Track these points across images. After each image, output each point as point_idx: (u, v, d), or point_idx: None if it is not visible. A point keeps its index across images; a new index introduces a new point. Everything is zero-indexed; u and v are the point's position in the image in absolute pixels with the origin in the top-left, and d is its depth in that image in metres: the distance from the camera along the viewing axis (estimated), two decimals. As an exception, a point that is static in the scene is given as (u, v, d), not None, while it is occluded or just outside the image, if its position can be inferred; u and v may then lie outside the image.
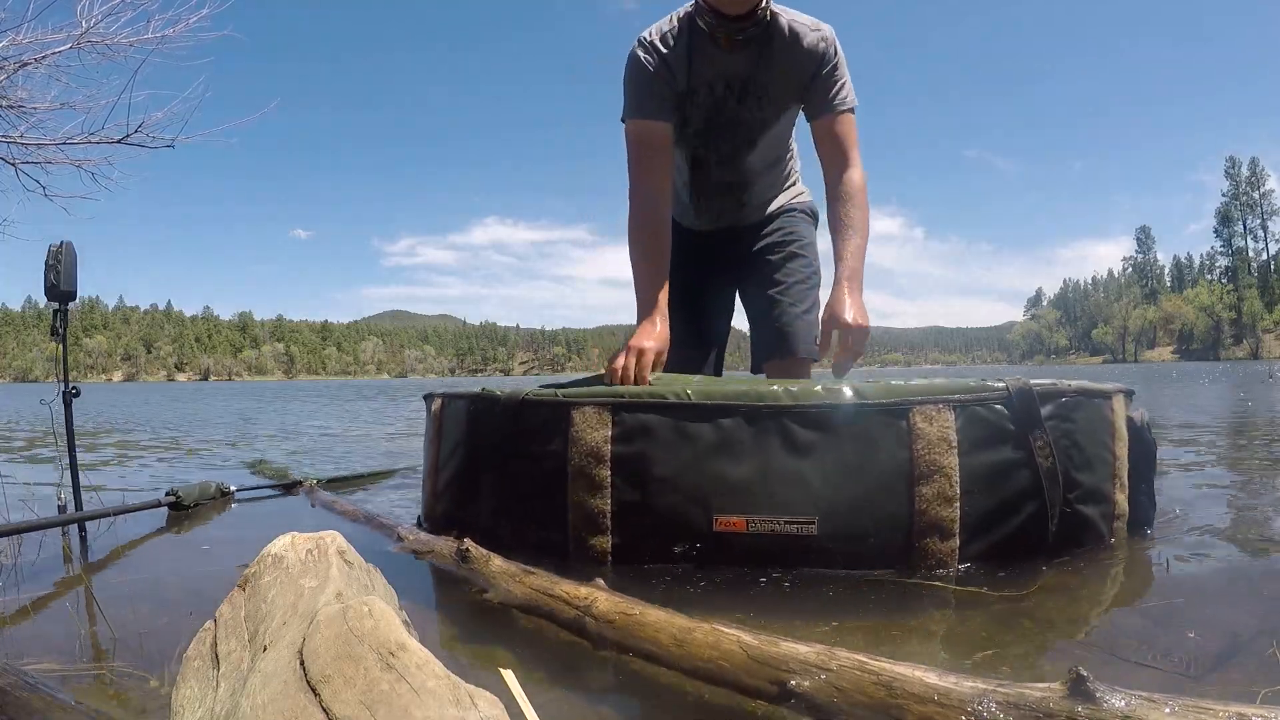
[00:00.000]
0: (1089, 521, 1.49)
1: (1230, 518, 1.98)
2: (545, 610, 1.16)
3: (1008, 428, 1.40)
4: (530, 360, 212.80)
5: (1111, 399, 1.56)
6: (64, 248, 1.94)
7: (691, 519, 1.40)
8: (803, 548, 1.36)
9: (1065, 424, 1.45)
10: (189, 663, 0.85)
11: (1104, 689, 0.69)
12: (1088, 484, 1.48)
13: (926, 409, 1.37)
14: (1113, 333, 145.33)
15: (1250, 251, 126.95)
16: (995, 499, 1.39)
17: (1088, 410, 1.50)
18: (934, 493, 1.35)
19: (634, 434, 1.44)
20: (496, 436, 1.60)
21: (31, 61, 4.33)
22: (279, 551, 0.97)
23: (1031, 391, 1.41)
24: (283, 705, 0.65)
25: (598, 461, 1.45)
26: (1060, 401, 1.46)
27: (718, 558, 1.40)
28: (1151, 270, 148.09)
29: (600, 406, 1.46)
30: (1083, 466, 1.47)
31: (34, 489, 2.69)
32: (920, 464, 1.35)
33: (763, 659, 0.88)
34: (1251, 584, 1.41)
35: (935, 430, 1.36)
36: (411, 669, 0.68)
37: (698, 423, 1.41)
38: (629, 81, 1.90)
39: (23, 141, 4.40)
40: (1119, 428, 1.56)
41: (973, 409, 1.39)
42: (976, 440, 1.38)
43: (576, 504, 1.46)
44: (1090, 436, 1.49)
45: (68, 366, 1.99)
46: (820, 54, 1.83)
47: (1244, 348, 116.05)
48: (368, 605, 0.78)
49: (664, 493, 1.42)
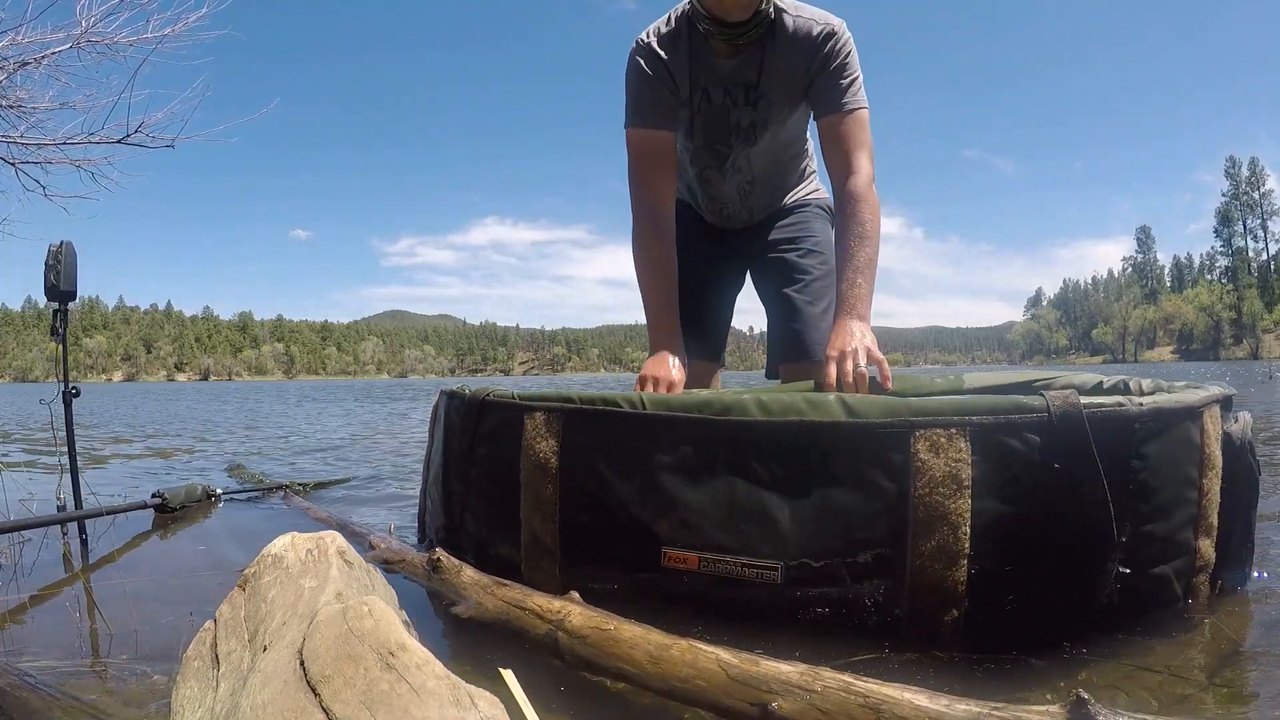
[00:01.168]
0: (1154, 579, 1.15)
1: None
2: (516, 626, 1.08)
3: (1045, 465, 1.06)
4: (530, 360, 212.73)
5: (1203, 415, 1.17)
6: (64, 248, 1.94)
7: (639, 550, 1.19)
8: (763, 598, 1.12)
9: (1132, 461, 1.09)
10: (189, 662, 0.85)
11: (1106, 712, 0.66)
12: (1159, 535, 1.13)
13: (934, 434, 1.06)
14: (1113, 333, 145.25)
15: (1250, 251, 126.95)
16: (1019, 558, 1.07)
17: (1168, 438, 1.12)
18: (936, 547, 1.05)
19: (584, 446, 1.25)
20: (463, 439, 1.48)
21: (31, 61, 4.33)
22: (279, 552, 0.97)
23: (1081, 416, 1.05)
24: (283, 705, 0.65)
25: (545, 476, 1.27)
26: (1126, 432, 1.09)
27: (666, 597, 1.17)
28: (1151, 270, 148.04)
29: (550, 413, 1.28)
30: (1154, 515, 1.12)
31: (34, 489, 2.69)
32: (920, 508, 1.06)
33: (743, 679, 0.83)
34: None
35: (943, 465, 1.05)
36: (411, 669, 0.68)
37: (653, 438, 1.20)
38: (629, 87, 1.85)
39: (22, 141, 4.40)
40: (1211, 454, 1.18)
41: (996, 437, 1.06)
42: (998, 480, 1.06)
43: (526, 521, 1.31)
44: (1168, 474, 1.13)
45: (68, 366, 1.99)
46: (824, 50, 1.73)
47: (1244, 348, 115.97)
48: (368, 605, 0.78)
49: (612, 517, 1.22)
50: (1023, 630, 1.08)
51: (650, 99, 1.81)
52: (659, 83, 1.80)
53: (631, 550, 1.20)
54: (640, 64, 1.81)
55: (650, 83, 1.80)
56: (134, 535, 2.14)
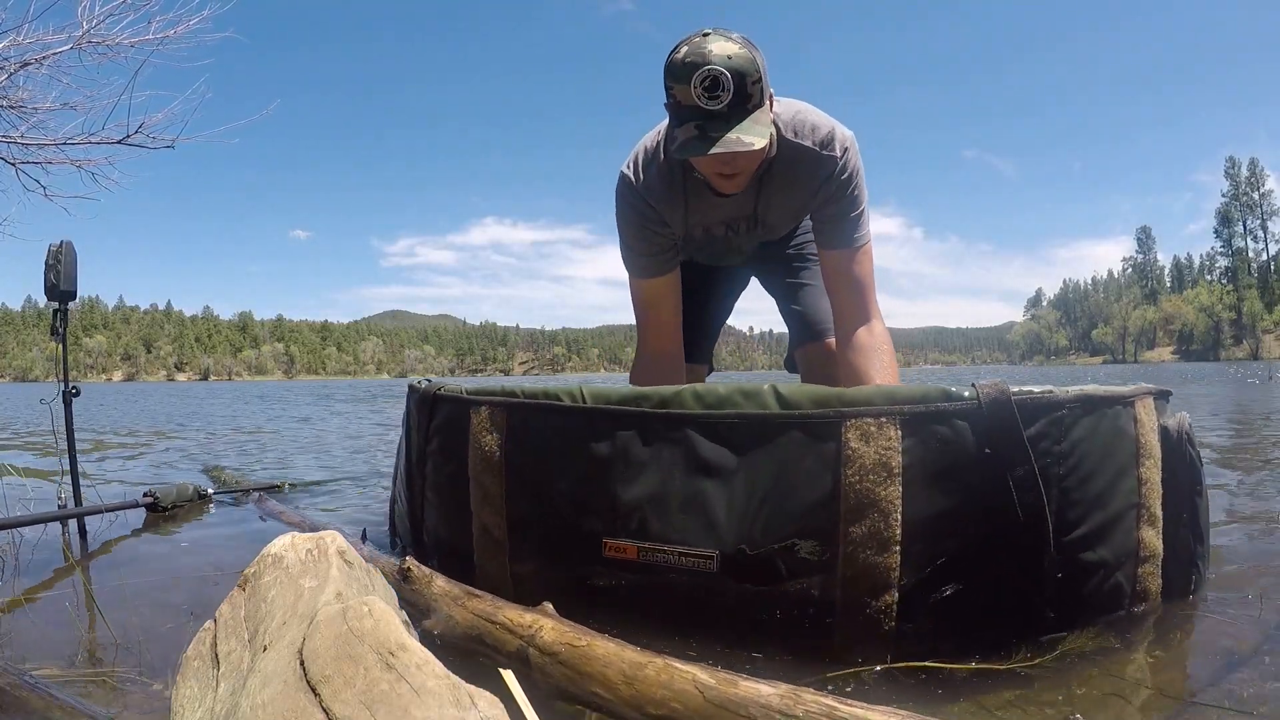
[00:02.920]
0: (1097, 568, 1.16)
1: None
2: (489, 642, 1.05)
3: (974, 452, 1.08)
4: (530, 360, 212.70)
5: (1134, 404, 1.20)
6: (64, 248, 1.94)
7: (580, 541, 1.20)
8: (700, 586, 1.13)
9: (1059, 446, 1.11)
10: (189, 662, 0.85)
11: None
12: (1096, 522, 1.14)
13: (864, 424, 1.07)
14: (1113, 333, 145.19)
15: (1250, 252, 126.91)
16: (953, 545, 1.08)
17: (1095, 424, 1.15)
18: (866, 533, 1.06)
19: (527, 440, 1.27)
20: (420, 434, 1.50)
21: (33, 62, 4.33)
22: (279, 551, 0.97)
23: (1009, 403, 1.07)
24: (283, 705, 0.65)
25: (490, 469, 1.30)
26: (1055, 417, 1.10)
27: (607, 588, 1.20)
28: (1151, 270, 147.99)
29: (495, 407, 1.30)
30: (1089, 502, 1.14)
31: (35, 489, 2.69)
32: (850, 496, 1.07)
33: (720, 701, 0.79)
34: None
35: (873, 453, 1.07)
36: (411, 669, 0.68)
37: (593, 430, 1.21)
38: (621, 232, 1.72)
39: (23, 141, 4.40)
40: (1147, 442, 1.20)
41: (926, 426, 1.08)
42: (929, 467, 1.07)
43: (476, 514, 1.33)
44: (1102, 460, 1.15)
45: (68, 366, 1.99)
46: (827, 187, 1.59)
47: (1244, 348, 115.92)
48: (368, 605, 0.78)
49: (553, 509, 1.24)
50: (959, 615, 1.09)
51: (647, 252, 1.70)
52: (653, 234, 1.68)
53: (573, 542, 1.22)
54: (630, 213, 1.67)
55: (644, 235, 1.68)
56: (131, 534, 2.14)
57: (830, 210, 1.62)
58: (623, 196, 1.68)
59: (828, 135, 1.56)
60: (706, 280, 2.07)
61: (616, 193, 1.69)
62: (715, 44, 1.35)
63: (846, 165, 1.58)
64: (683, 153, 1.40)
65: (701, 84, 1.34)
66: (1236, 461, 3.23)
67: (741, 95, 1.35)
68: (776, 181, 1.61)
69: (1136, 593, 1.21)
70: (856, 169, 1.60)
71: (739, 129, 1.36)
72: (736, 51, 1.35)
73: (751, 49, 1.38)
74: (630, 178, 1.66)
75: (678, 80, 1.36)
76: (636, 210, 1.66)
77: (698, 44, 1.36)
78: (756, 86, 1.37)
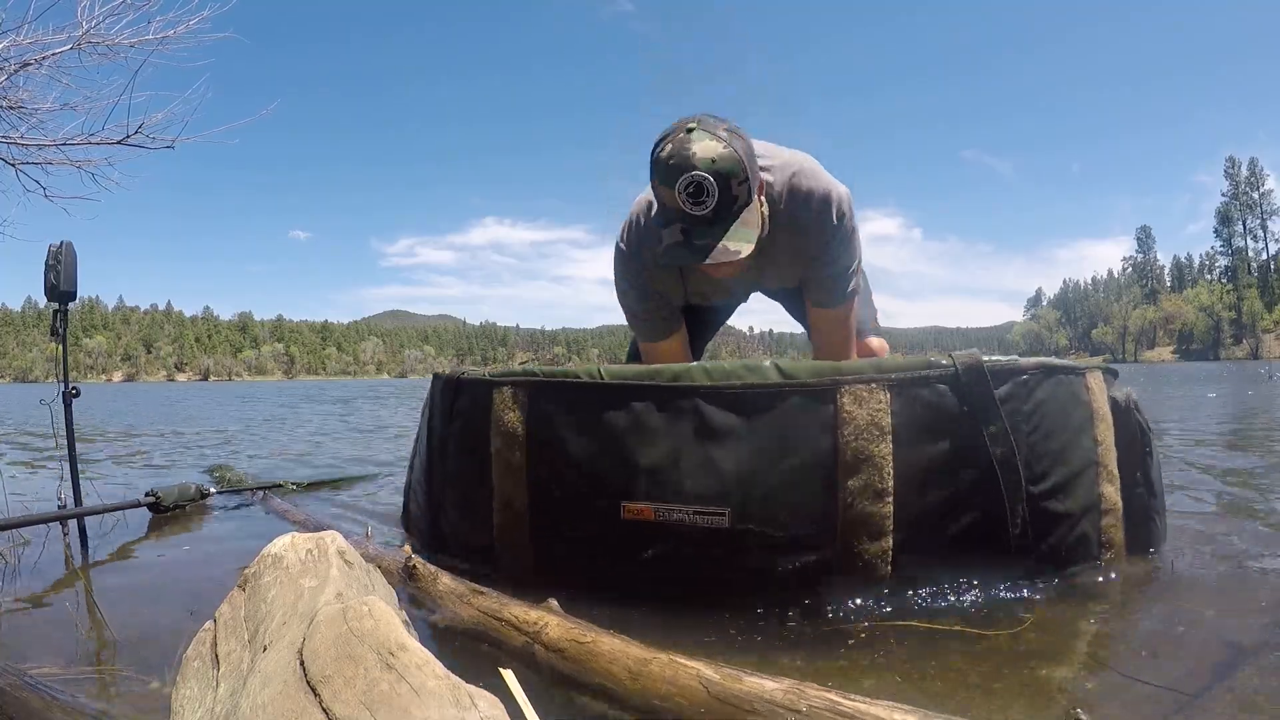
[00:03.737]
0: (1064, 518, 1.30)
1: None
2: (494, 637, 1.06)
3: (954, 411, 1.22)
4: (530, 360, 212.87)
5: (1085, 376, 1.37)
6: (64, 248, 1.94)
7: (600, 506, 1.29)
8: (714, 541, 1.22)
9: (1025, 406, 1.26)
10: (189, 663, 0.85)
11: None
12: (1061, 475, 1.29)
13: (857, 389, 1.20)
14: (1113, 333, 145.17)
15: (1250, 251, 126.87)
16: (939, 494, 1.22)
17: (1054, 389, 1.30)
18: (862, 485, 1.18)
19: (547, 415, 1.36)
20: (442, 416, 1.57)
21: (33, 62, 4.33)
22: (279, 552, 0.97)
23: (982, 369, 1.23)
24: (283, 705, 0.65)
25: (514, 443, 1.37)
26: (1019, 380, 1.26)
27: (627, 548, 1.28)
28: (1151, 270, 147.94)
29: (517, 386, 1.39)
30: (1053, 456, 1.29)
31: (37, 488, 2.69)
32: (847, 452, 1.19)
33: (724, 697, 0.79)
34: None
35: (865, 414, 1.19)
36: (411, 669, 0.68)
37: (610, 404, 1.30)
38: (621, 301, 1.71)
39: (23, 142, 4.40)
40: (1099, 408, 1.36)
41: (911, 390, 1.22)
42: (915, 426, 1.21)
43: (499, 486, 1.40)
44: (1063, 419, 1.31)
45: (68, 366, 1.99)
46: (825, 245, 1.56)
47: (1244, 348, 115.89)
48: (368, 605, 0.78)
49: (574, 477, 1.33)
50: (946, 555, 1.23)
51: (649, 318, 1.70)
52: (653, 303, 1.68)
53: (593, 505, 1.30)
54: (629, 288, 1.66)
55: (644, 304, 1.68)
56: (130, 535, 2.14)
57: (824, 272, 1.59)
58: (620, 270, 1.66)
59: (823, 201, 1.52)
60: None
61: (614, 265, 1.67)
62: (699, 144, 1.30)
63: (841, 228, 1.55)
64: (668, 260, 1.38)
65: (686, 190, 1.30)
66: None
67: (726, 199, 1.32)
68: (772, 251, 1.57)
69: (1103, 543, 1.35)
70: (851, 230, 1.57)
71: (727, 236, 1.33)
72: (720, 153, 1.30)
73: (736, 143, 1.33)
74: (625, 251, 1.63)
75: (662, 182, 1.33)
76: (635, 286, 1.66)
77: (681, 142, 1.31)
78: (743, 187, 1.33)
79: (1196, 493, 2.37)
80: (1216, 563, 1.51)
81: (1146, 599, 1.30)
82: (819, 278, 1.61)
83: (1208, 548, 1.62)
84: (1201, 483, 2.57)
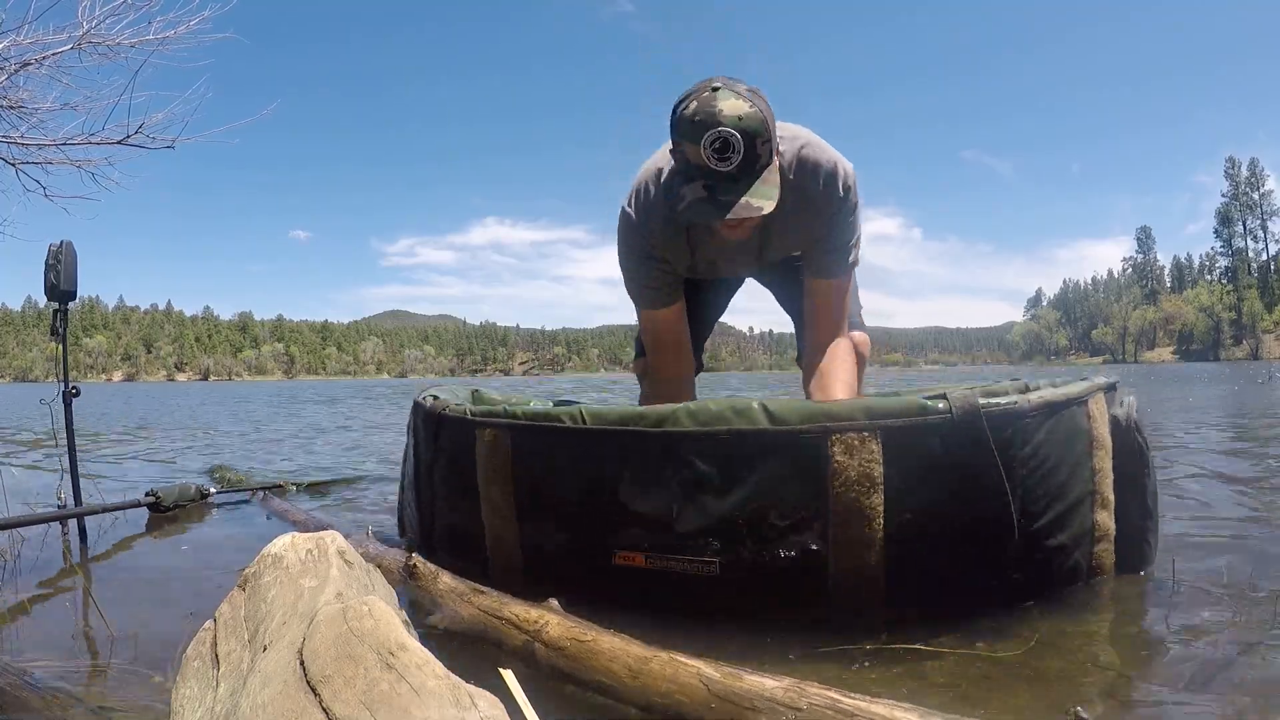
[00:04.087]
0: (1058, 550, 1.28)
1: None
2: (494, 637, 1.07)
3: (949, 460, 1.17)
4: (530, 360, 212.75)
5: (1088, 402, 1.31)
6: (64, 248, 1.94)
7: (592, 553, 1.29)
8: (704, 589, 1.22)
9: (1024, 450, 1.21)
10: (189, 662, 0.85)
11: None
12: (1056, 512, 1.25)
13: (849, 438, 1.15)
14: (1113, 333, 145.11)
15: (1250, 252, 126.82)
16: (930, 543, 1.19)
17: (1058, 426, 1.25)
18: (854, 538, 1.16)
19: (533, 460, 1.35)
20: (426, 449, 1.57)
21: (33, 62, 4.33)
22: (279, 551, 0.97)
23: (980, 415, 1.16)
24: (283, 705, 0.65)
25: (501, 485, 1.37)
26: (1020, 425, 1.20)
27: (619, 594, 1.27)
28: (1151, 270, 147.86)
29: (499, 429, 1.38)
30: (1051, 495, 1.24)
31: (37, 488, 2.70)
32: (838, 503, 1.16)
33: (725, 695, 0.80)
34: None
35: (857, 465, 1.15)
36: (411, 669, 0.68)
37: (594, 450, 1.29)
38: (623, 265, 1.71)
39: (23, 142, 4.40)
40: (1100, 435, 1.32)
41: (905, 439, 1.16)
42: (909, 476, 1.16)
43: (489, 526, 1.41)
44: (1062, 457, 1.26)
45: (68, 366, 1.99)
46: (831, 217, 1.59)
47: (1244, 348, 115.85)
48: (368, 605, 0.78)
49: (564, 524, 1.33)
50: (936, 602, 1.22)
51: (651, 285, 1.70)
52: (657, 271, 1.68)
53: (584, 552, 1.30)
54: (633, 252, 1.66)
55: (647, 271, 1.68)
56: (131, 534, 2.14)
57: (828, 244, 1.62)
58: (625, 236, 1.66)
59: (830, 173, 1.55)
60: (701, 283, 2.07)
61: (619, 230, 1.67)
62: (725, 102, 1.32)
63: (846, 201, 1.57)
64: (692, 216, 1.39)
65: (711, 146, 1.32)
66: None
67: (751, 157, 1.34)
68: (780, 221, 1.59)
69: (1093, 568, 1.33)
70: (856, 203, 1.60)
71: (750, 193, 1.35)
72: (747, 111, 1.32)
73: (760, 104, 1.36)
74: (632, 216, 1.63)
75: (686, 138, 1.34)
76: (639, 250, 1.65)
77: (707, 100, 1.33)
78: (765, 146, 1.35)
79: (1194, 496, 2.37)
80: (1216, 568, 1.52)
81: (1141, 609, 1.31)
82: (822, 249, 1.64)
83: (1205, 554, 1.62)
84: (1200, 485, 2.57)
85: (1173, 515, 2.02)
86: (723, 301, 2.15)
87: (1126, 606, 1.33)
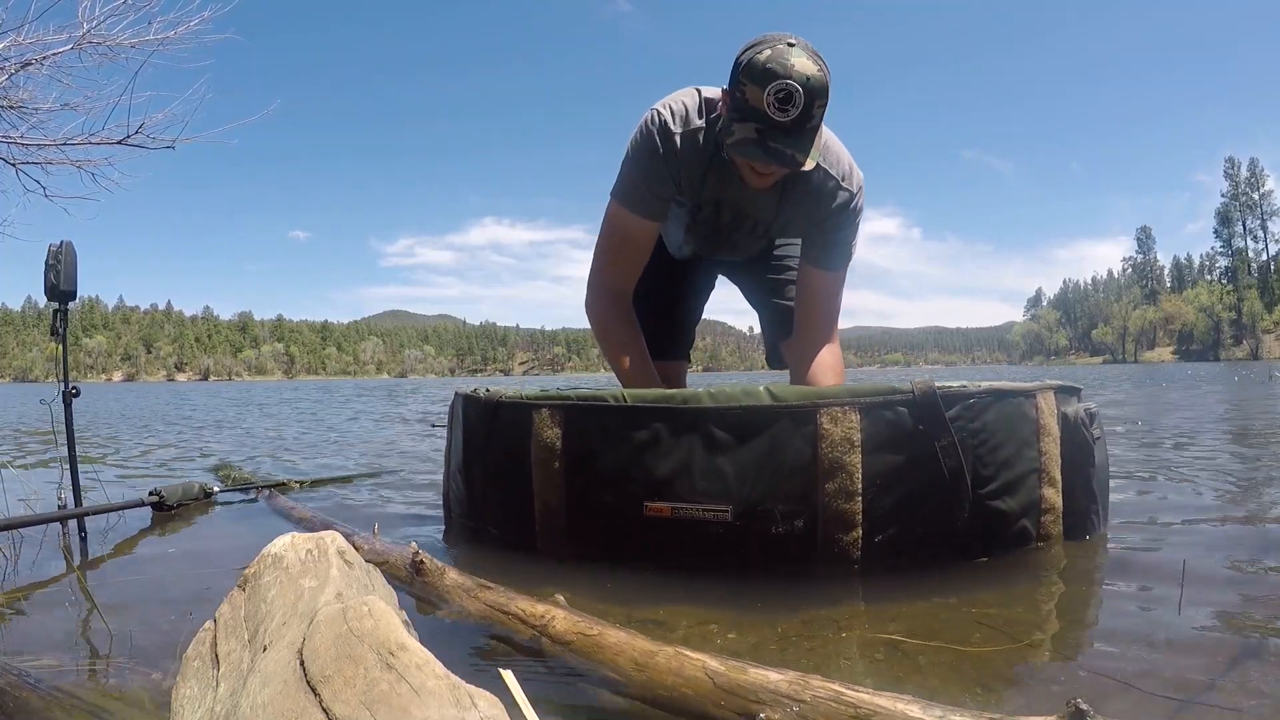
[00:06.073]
0: (1006, 515, 1.54)
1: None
2: (501, 631, 1.08)
3: (911, 428, 1.46)
4: (530, 360, 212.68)
5: (1035, 397, 1.59)
6: (64, 248, 1.94)
7: (627, 506, 1.54)
8: (719, 532, 1.49)
9: (973, 424, 1.50)
10: (188, 662, 0.85)
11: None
12: (1004, 480, 1.53)
13: (833, 411, 1.45)
14: (1113, 333, 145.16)
15: (1250, 252, 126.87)
16: (898, 495, 1.47)
17: (1001, 410, 1.54)
18: (837, 488, 1.44)
19: (582, 432, 1.60)
20: (480, 433, 1.79)
21: (33, 62, 4.33)
22: (279, 551, 0.97)
23: (934, 394, 1.47)
24: (283, 705, 0.65)
25: (553, 456, 1.61)
26: (967, 404, 1.50)
27: (649, 539, 1.53)
28: (1151, 270, 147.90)
29: (554, 408, 1.63)
30: (998, 464, 1.52)
31: (37, 488, 2.69)
32: (825, 461, 1.44)
33: (730, 688, 0.81)
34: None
35: (840, 431, 1.45)
36: (411, 669, 0.68)
37: (634, 423, 1.54)
38: (632, 162, 1.71)
39: (23, 142, 4.40)
40: (1047, 425, 1.59)
41: (877, 411, 1.46)
42: (880, 440, 1.46)
43: (539, 493, 1.64)
44: (1008, 435, 1.54)
45: (68, 366, 1.99)
46: (838, 216, 1.70)
47: (1244, 348, 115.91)
48: (368, 605, 0.78)
49: (605, 483, 1.58)
50: (904, 544, 1.48)
51: (649, 190, 1.71)
52: (665, 179, 1.68)
53: (620, 506, 1.56)
54: (652, 150, 1.67)
55: (656, 175, 1.68)
56: (132, 534, 2.14)
57: (833, 236, 1.72)
58: (647, 136, 1.67)
59: (848, 170, 1.68)
60: (679, 278, 2.11)
61: (641, 131, 1.68)
62: (798, 59, 1.40)
63: (856, 199, 1.69)
64: (738, 152, 1.48)
65: (776, 94, 1.40)
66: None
67: (807, 115, 1.42)
68: (797, 197, 1.68)
69: (1040, 534, 1.61)
70: (861, 206, 1.72)
71: (796, 146, 1.44)
72: (815, 74, 1.41)
73: (827, 73, 1.43)
74: (667, 119, 1.65)
75: (753, 81, 1.41)
76: (658, 158, 1.66)
77: (782, 53, 1.40)
78: (820, 111, 1.44)
79: (1188, 489, 2.37)
80: (1220, 564, 1.55)
81: (1141, 608, 1.34)
82: (824, 241, 1.73)
83: (1205, 551, 1.66)
84: (1194, 481, 2.57)
85: (1173, 511, 2.02)
86: (699, 304, 2.25)
87: (1126, 605, 1.35)
